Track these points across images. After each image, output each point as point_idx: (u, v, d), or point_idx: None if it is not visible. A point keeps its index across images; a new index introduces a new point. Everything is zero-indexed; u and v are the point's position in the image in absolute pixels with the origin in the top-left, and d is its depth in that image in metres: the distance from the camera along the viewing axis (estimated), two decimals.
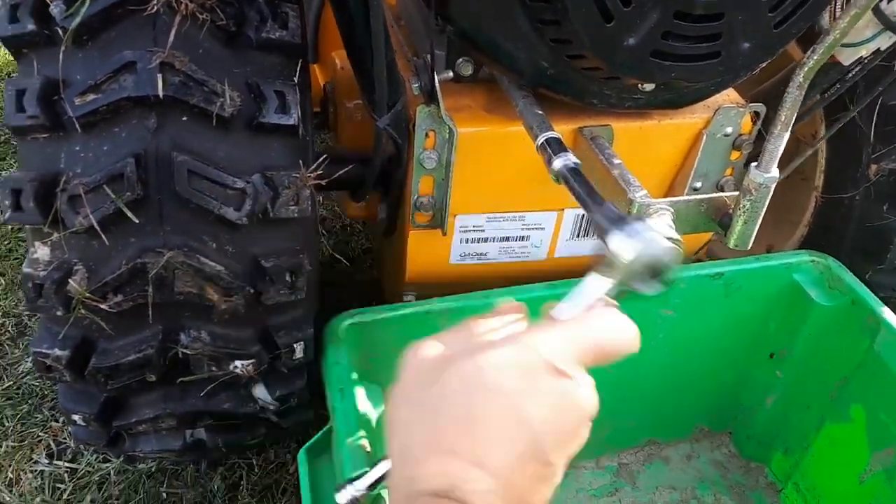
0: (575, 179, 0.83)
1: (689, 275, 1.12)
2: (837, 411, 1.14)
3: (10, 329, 1.51)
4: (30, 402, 1.38)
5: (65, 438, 1.33)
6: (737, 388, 1.26)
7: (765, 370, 1.22)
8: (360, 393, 0.92)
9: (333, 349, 0.96)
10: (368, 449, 0.85)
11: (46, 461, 1.28)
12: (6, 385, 1.40)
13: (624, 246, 0.57)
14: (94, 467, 1.27)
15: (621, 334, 0.52)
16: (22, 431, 1.33)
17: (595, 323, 0.52)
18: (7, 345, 1.49)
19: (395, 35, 1.14)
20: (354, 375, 0.94)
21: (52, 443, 1.31)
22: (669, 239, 0.57)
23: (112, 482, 1.25)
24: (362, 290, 1.58)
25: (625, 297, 1.16)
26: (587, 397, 0.49)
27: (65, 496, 1.23)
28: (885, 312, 1.05)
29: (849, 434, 1.12)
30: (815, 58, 0.77)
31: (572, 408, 0.48)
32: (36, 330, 1.46)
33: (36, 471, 1.27)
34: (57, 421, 1.35)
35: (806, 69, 0.78)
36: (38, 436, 1.33)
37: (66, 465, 1.28)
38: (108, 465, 1.27)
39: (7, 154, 1.98)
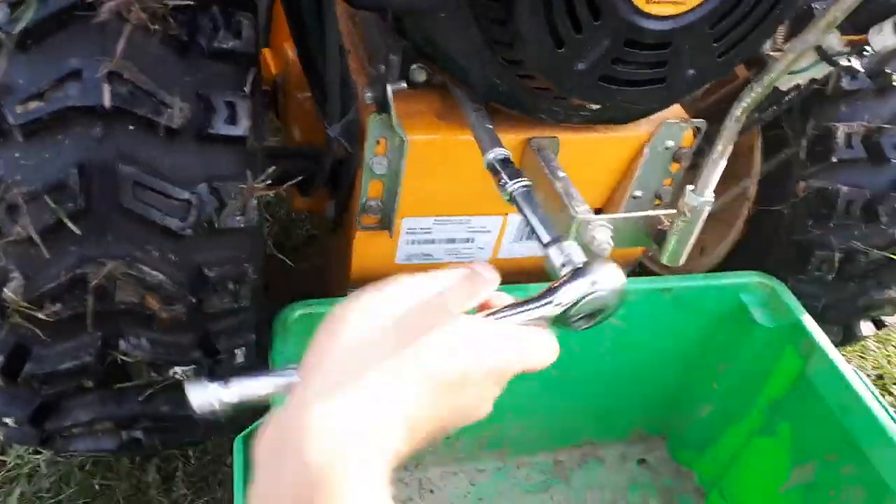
0: (528, 206, 0.85)
1: (641, 288, 1.16)
2: (766, 426, 1.20)
3: None
4: None
5: None
6: (674, 395, 1.31)
7: (703, 381, 1.28)
8: None
9: (280, 339, 0.98)
10: None
11: None
12: None
13: (571, 291, 0.59)
14: (23, 459, 1.25)
15: (542, 356, 0.54)
16: None
17: (524, 340, 0.53)
18: None
19: (349, 36, 1.13)
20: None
21: None
22: (616, 288, 0.59)
23: (43, 474, 1.23)
24: (304, 280, 1.58)
25: None
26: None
27: None
28: (821, 339, 1.11)
29: (774, 448, 1.19)
30: (752, 95, 0.80)
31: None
32: None
33: None
34: None
35: (743, 105, 0.81)
36: None
37: None
38: (38, 457, 1.25)
39: None
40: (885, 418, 1.02)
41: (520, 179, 0.88)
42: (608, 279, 0.58)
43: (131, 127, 0.77)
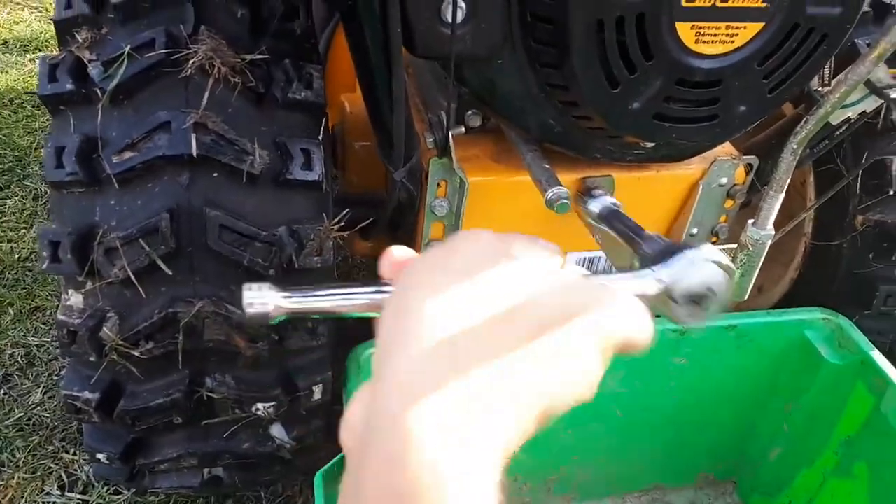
0: (618, 217, 0.88)
1: (706, 325, 1.17)
2: (841, 468, 1.18)
3: (19, 360, 1.54)
4: (40, 433, 1.41)
5: (76, 470, 1.35)
6: (743, 438, 1.30)
7: (771, 423, 1.26)
8: None
9: (354, 378, 1.01)
10: None
11: (58, 493, 1.31)
12: (17, 416, 1.43)
13: (679, 273, 0.50)
14: (105, 499, 1.30)
15: (644, 327, 0.42)
16: (33, 463, 1.36)
17: (627, 302, 0.41)
18: (16, 375, 1.51)
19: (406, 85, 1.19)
20: None
21: (63, 474, 1.34)
22: (724, 265, 0.51)
23: None
24: (370, 325, 1.62)
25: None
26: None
27: None
28: (893, 374, 1.09)
29: (851, 491, 1.16)
30: (808, 127, 0.82)
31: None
32: (54, 362, 1.49)
33: (48, 502, 1.29)
34: (68, 452, 1.38)
35: (800, 137, 0.83)
36: (50, 467, 1.35)
37: (78, 496, 1.30)
38: (119, 496, 1.30)
39: (11, 182, 2.01)
40: None
41: (604, 198, 0.91)
42: (715, 253, 0.49)
43: (215, 174, 0.83)
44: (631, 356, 0.42)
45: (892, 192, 1.14)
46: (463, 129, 1.07)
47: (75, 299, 0.84)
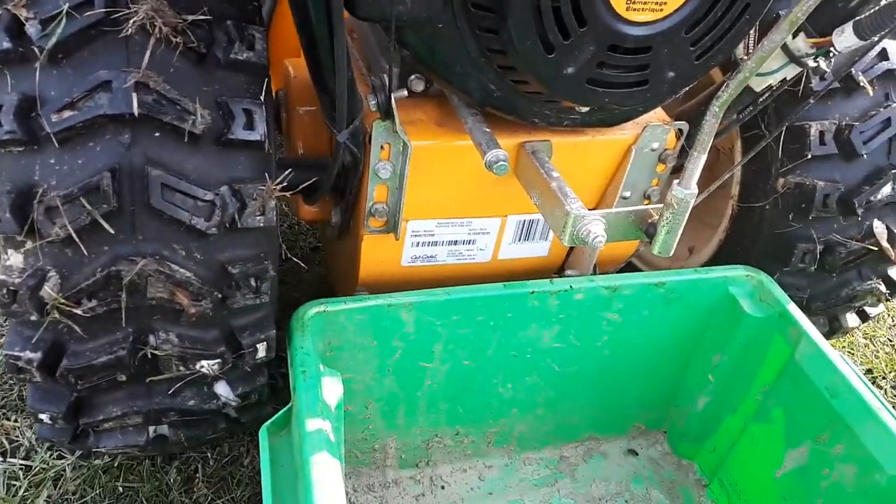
0: None
1: (634, 283, 1.22)
2: (760, 414, 1.26)
3: None
4: None
5: (17, 437, 1.34)
6: (672, 389, 1.37)
7: (698, 374, 1.33)
8: (321, 376, 1.00)
9: (298, 335, 1.04)
10: (326, 428, 0.93)
11: (0, 459, 1.30)
12: None
13: None
14: (48, 464, 1.30)
15: None
16: None
17: None
18: None
19: (349, 48, 1.21)
20: (318, 360, 1.02)
21: (4, 441, 1.33)
22: None
23: (68, 478, 1.28)
24: (312, 288, 1.64)
25: (575, 301, 1.26)
26: None
27: (20, 493, 1.25)
28: (807, 326, 1.17)
29: (769, 434, 1.24)
30: (729, 91, 0.87)
31: None
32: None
33: None
34: (9, 419, 1.37)
35: (721, 101, 0.88)
36: None
37: (21, 462, 1.30)
38: (63, 461, 1.30)
39: None
40: (871, 397, 1.08)
41: None
42: None
43: (157, 133, 0.83)
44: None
45: (809, 156, 1.20)
46: (405, 92, 1.09)
47: (15, 259, 0.84)
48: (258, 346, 0.97)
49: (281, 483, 0.96)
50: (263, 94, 0.91)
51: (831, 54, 1.06)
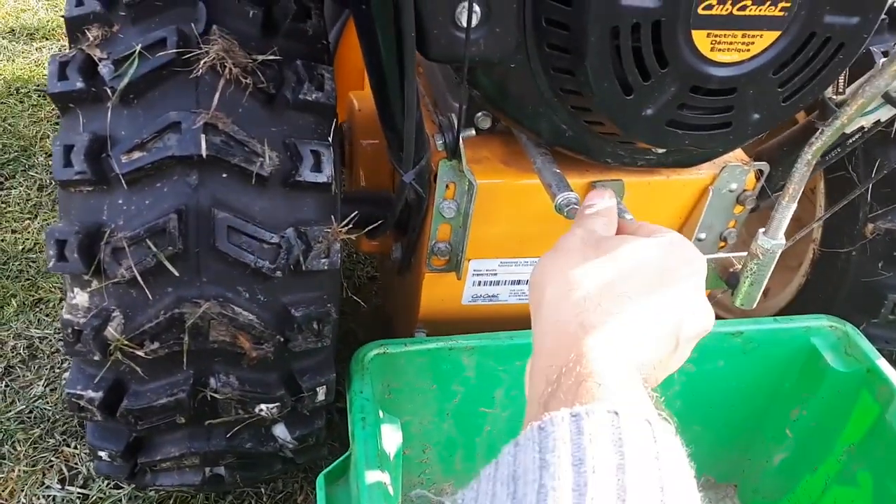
0: None
1: (714, 331, 1.16)
2: (844, 475, 1.18)
3: (21, 351, 1.54)
4: (41, 426, 1.41)
5: (76, 464, 1.35)
6: (746, 442, 1.29)
7: (775, 428, 1.25)
8: (380, 423, 0.97)
9: (358, 379, 1.02)
10: (384, 480, 0.90)
11: (58, 486, 1.31)
12: (18, 409, 1.43)
13: None
14: (105, 493, 1.30)
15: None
16: (34, 456, 1.36)
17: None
18: (19, 367, 1.51)
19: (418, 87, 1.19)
20: (377, 405, 0.99)
21: (63, 468, 1.34)
22: None
23: None
24: (369, 321, 1.62)
25: None
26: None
27: None
28: None
29: (854, 499, 1.16)
30: (824, 138, 0.82)
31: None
32: (57, 354, 1.49)
33: (48, 496, 1.29)
34: (69, 446, 1.38)
35: (815, 148, 0.83)
36: (50, 460, 1.35)
37: (79, 490, 1.30)
38: (119, 491, 1.30)
39: (16, 173, 2.00)
40: None
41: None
42: None
43: (224, 175, 0.82)
44: None
45: None
46: (473, 131, 1.06)
47: (81, 298, 0.83)
48: (318, 389, 0.95)
49: None
50: (331, 134, 0.89)
51: None
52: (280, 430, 0.99)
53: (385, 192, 1.23)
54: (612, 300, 0.55)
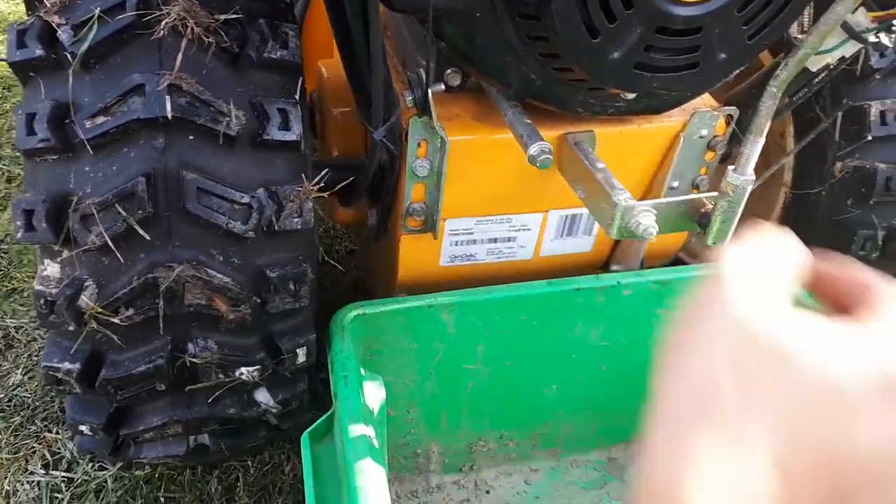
0: None
1: (685, 276, 1.17)
2: None
3: None
4: (22, 413, 1.39)
5: (59, 448, 1.34)
6: None
7: None
8: (362, 380, 0.98)
9: (339, 339, 1.02)
10: (369, 434, 0.90)
11: (42, 471, 1.30)
12: None
13: None
14: (90, 476, 1.29)
15: None
16: (16, 443, 1.34)
17: None
18: None
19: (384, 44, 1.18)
20: (358, 364, 1.00)
21: (46, 453, 1.33)
22: None
23: (109, 489, 1.26)
24: (350, 292, 1.62)
25: (623, 297, 1.22)
26: None
27: None
28: None
29: None
30: (788, 70, 0.82)
31: None
32: (34, 343, 1.47)
33: (32, 482, 1.28)
34: (51, 431, 1.36)
35: (779, 80, 0.83)
36: (33, 447, 1.34)
37: (63, 474, 1.29)
38: (104, 472, 1.29)
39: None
40: None
41: None
42: None
43: (191, 136, 0.81)
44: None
45: (870, 138, 1.14)
46: (443, 86, 1.05)
47: (52, 269, 0.82)
48: (298, 350, 0.94)
49: (324, 490, 0.93)
50: (298, 93, 0.88)
51: (894, 29, 1.00)
52: (262, 395, 0.99)
53: (358, 158, 1.22)
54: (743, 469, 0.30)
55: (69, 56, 0.80)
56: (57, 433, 1.36)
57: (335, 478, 0.92)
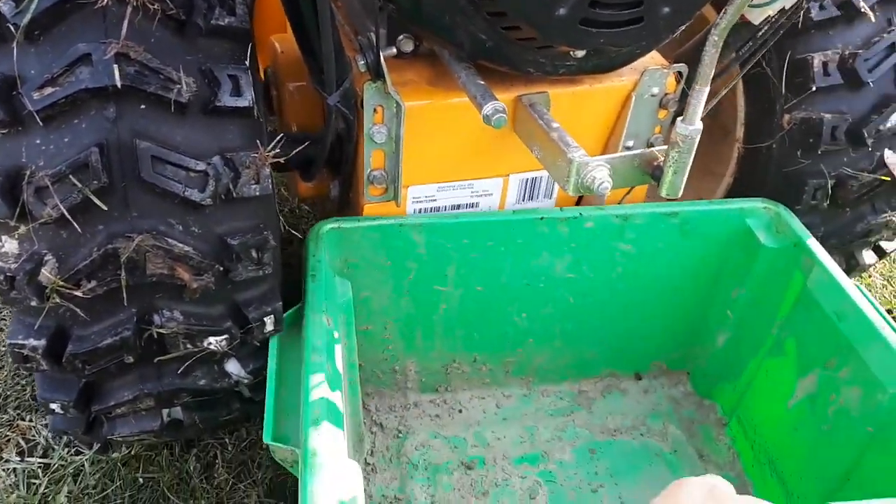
0: None
1: (646, 212, 1.20)
2: (775, 347, 1.23)
3: None
4: None
5: (34, 436, 1.34)
6: (693, 327, 1.35)
7: (717, 310, 1.31)
8: (332, 281, 1.05)
9: (312, 246, 1.09)
10: (330, 324, 0.96)
11: (18, 459, 1.29)
12: None
13: None
14: (67, 461, 1.29)
15: None
16: None
17: None
18: None
19: (334, 12, 1.18)
20: (330, 268, 1.07)
21: (21, 440, 1.32)
22: None
23: (87, 473, 1.27)
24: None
25: (585, 229, 1.25)
26: None
27: (41, 490, 1.24)
28: (821, 253, 1.14)
29: (782, 366, 1.22)
30: (727, 18, 0.84)
31: None
32: (3, 336, 1.46)
33: (8, 469, 1.28)
34: (24, 419, 1.36)
35: (719, 29, 0.85)
36: (6, 435, 1.33)
37: (39, 460, 1.29)
38: (80, 457, 1.29)
39: None
40: (877, 319, 1.05)
41: None
42: None
43: (143, 105, 0.81)
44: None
45: (814, 89, 1.17)
46: (395, 50, 1.06)
47: (9, 245, 0.82)
48: (265, 319, 0.95)
49: (287, 377, 0.97)
50: (248, 59, 0.88)
51: None
52: (233, 366, 1.00)
53: (316, 132, 1.23)
54: None
55: (12, 28, 0.79)
56: (30, 421, 1.35)
57: (299, 373, 0.94)
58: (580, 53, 1.03)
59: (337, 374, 0.90)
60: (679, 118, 0.95)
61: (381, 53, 0.98)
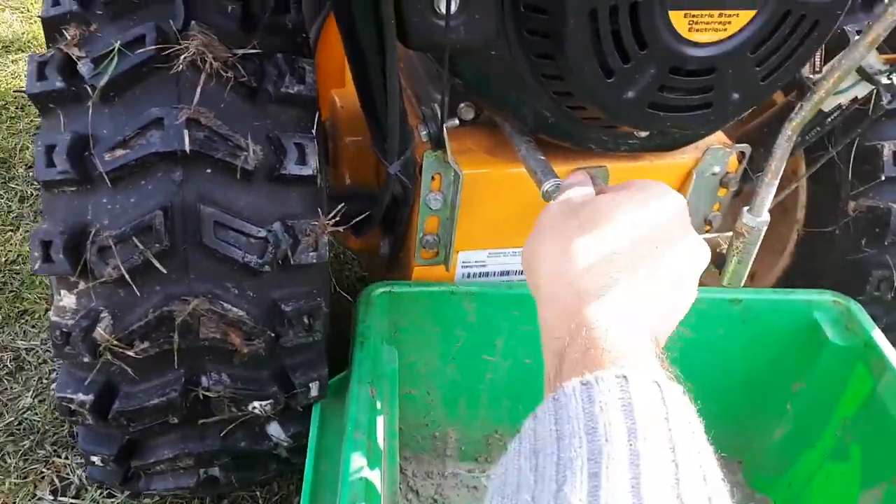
0: None
1: (706, 297, 1.17)
2: (838, 450, 1.18)
3: (8, 363, 1.52)
4: (31, 437, 1.39)
5: (67, 474, 1.34)
6: (749, 417, 1.30)
7: (777, 402, 1.26)
8: (379, 348, 1.03)
9: (363, 311, 1.08)
10: (374, 394, 0.95)
11: (51, 497, 1.29)
12: (7, 421, 1.41)
13: None
14: (98, 502, 1.28)
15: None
16: (24, 468, 1.34)
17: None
18: (6, 380, 1.49)
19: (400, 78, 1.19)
20: (379, 334, 1.05)
21: (55, 478, 1.32)
22: None
23: None
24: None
25: None
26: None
27: None
28: (893, 357, 1.09)
29: (844, 473, 1.16)
30: (803, 114, 0.83)
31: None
32: (44, 365, 1.48)
33: None
34: (59, 456, 1.36)
35: (794, 123, 0.83)
36: (41, 472, 1.34)
37: (71, 500, 1.29)
38: (112, 500, 1.28)
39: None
40: None
41: None
42: None
43: (209, 170, 0.82)
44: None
45: (883, 178, 1.14)
46: (457, 121, 1.06)
47: (68, 300, 0.83)
48: (311, 385, 0.94)
49: (327, 447, 0.95)
50: (315, 127, 0.89)
51: None
52: (274, 429, 0.99)
53: (370, 188, 1.23)
54: (602, 262, 0.54)
55: (89, 89, 0.81)
56: (66, 458, 1.35)
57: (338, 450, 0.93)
58: (644, 133, 1.02)
59: (378, 452, 0.88)
60: (746, 208, 0.93)
61: (444, 125, 0.98)
